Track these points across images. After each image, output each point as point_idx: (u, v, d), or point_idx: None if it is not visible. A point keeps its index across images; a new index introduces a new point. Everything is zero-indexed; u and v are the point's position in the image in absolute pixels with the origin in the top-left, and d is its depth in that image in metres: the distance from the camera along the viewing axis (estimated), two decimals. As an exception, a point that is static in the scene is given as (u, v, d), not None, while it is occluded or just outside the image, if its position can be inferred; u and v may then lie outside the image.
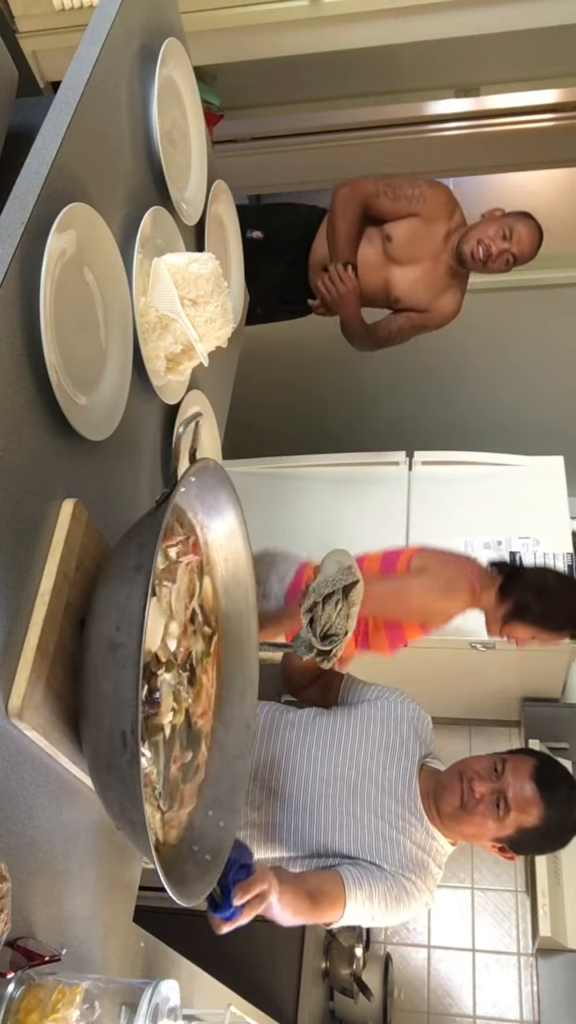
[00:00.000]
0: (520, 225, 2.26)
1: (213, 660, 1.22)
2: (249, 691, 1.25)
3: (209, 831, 1.17)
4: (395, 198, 2.30)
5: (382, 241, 2.34)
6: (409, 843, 1.49)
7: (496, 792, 1.42)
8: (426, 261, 2.35)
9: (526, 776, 1.42)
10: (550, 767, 1.46)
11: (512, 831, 1.42)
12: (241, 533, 1.22)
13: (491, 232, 2.24)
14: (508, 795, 1.41)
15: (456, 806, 1.45)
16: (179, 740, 1.13)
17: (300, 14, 2.16)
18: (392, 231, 2.32)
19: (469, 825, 1.45)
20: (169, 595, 1.10)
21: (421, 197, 2.29)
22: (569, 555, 2.67)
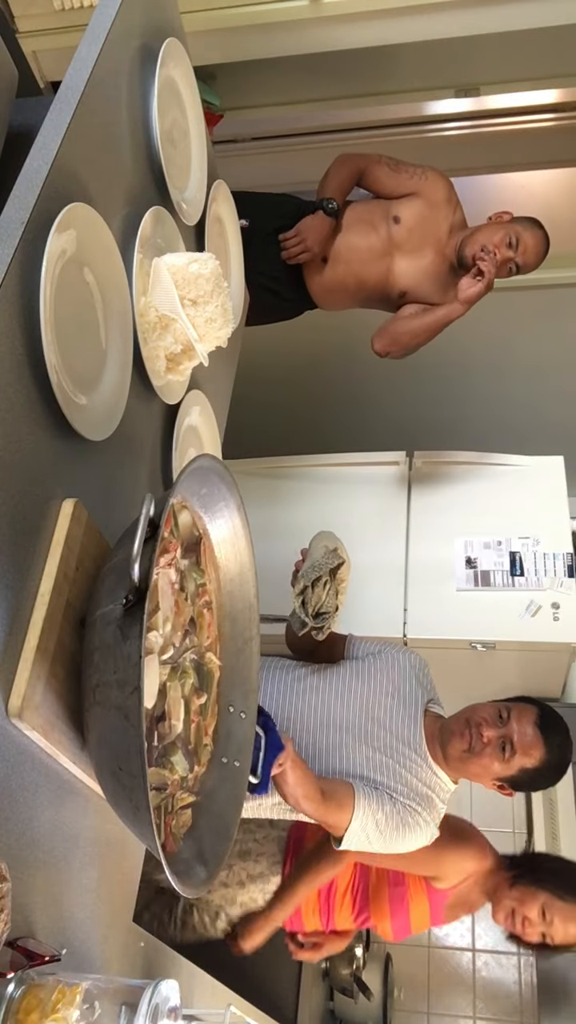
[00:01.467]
0: (527, 234, 2.19)
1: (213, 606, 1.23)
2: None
3: (233, 730, 1.22)
4: (396, 170, 2.25)
5: (388, 224, 2.27)
6: (415, 779, 1.58)
7: (502, 737, 1.51)
8: (430, 252, 2.28)
9: (530, 722, 1.52)
10: (550, 714, 1.56)
11: (515, 771, 1.52)
12: (244, 533, 1.21)
13: (496, 239, 2.17)
14: (514, 739, 1.50)
15: (464, 749, 1.54)
16: (193, 699, 1.15)
17: (300, 14, 2.16)
18: (400, 211, 2.26)
19: (476, 766, 1.54)
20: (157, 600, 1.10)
21: (424, 174, 2.24)
22: (569, 555, 2.67)
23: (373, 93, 2.63)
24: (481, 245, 2.18)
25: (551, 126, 2.92)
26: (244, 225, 2.18)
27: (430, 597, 2.69)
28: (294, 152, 3.12)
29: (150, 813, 0.88)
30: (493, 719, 1.53)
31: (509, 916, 1.76)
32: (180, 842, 1.13)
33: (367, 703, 1.65)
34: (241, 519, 1.20)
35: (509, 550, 2.70)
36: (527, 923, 1.74)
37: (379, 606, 2.68)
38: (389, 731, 1.61)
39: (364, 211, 2.31)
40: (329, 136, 3.06)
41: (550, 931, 1.73)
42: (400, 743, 1.61)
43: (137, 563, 0.89)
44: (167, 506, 0.95)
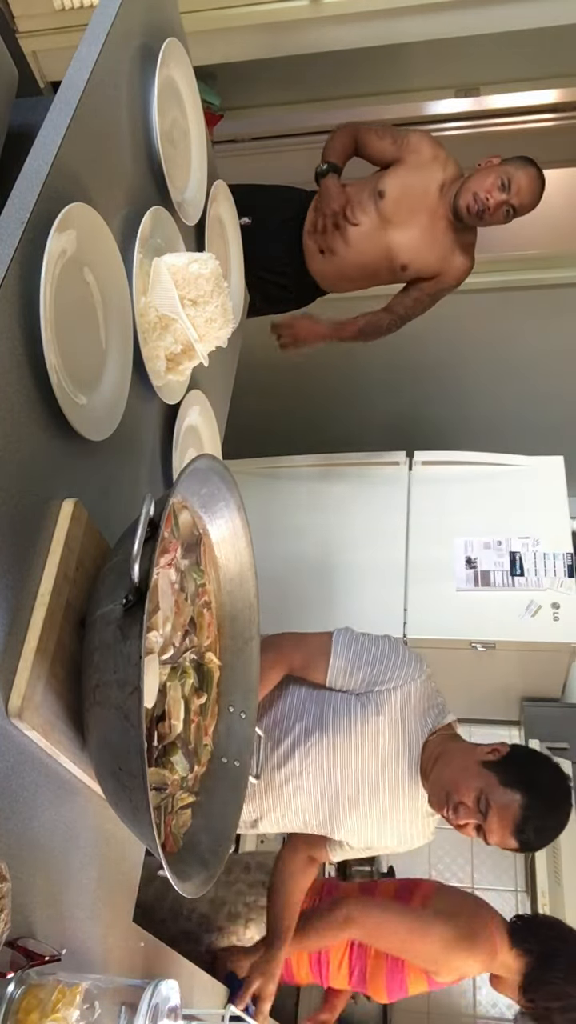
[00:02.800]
0: (520, 173, 2.13)
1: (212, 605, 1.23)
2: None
3: (233, 729, 1.22)
4: (382, 135, 2.25)
5: (374, 201, 2.25)
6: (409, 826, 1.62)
7: (478, 828, 1.45)
8: (422, 217, 2.25)
9: (507, 831, 1.43)
10: (539, 810, 1.43)
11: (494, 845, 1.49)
12: (244, 533, 1.21)
13: (488, 183, 2.12)
14: (488, 836, 1.44)
15: (442, 816, 1.52)
16: (193, 699, 1.16)
17: (300, 14, 2.16)
18: (382, 185, 2.24)
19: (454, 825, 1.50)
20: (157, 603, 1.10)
21: (406, 138, 2.23)
22: (569, 555, 2.67)
23: (373, 93, 2.63)
24: (473, 192, 2.15)
25: (551, 126, 2.92)
26: (246, 223, 2.19)
27: (430, 597, 2.69)
28: (294, 152, 3.12)
29: (150, 813, 0.88)
30: (472, 802, 1.44)
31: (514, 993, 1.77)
32: (180, 842, 1.13)
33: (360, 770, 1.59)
34: (241, 519, 1.20)
35: (509, 550, 2.71)
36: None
37: (379, 606, 2.68)
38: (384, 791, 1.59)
39: (352, 192, 2.29)
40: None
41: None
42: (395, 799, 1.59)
43: (137, 563, 0.89)
44: (167, 506, 0.95)
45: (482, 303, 3.09)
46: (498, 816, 1.42)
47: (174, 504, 1.11)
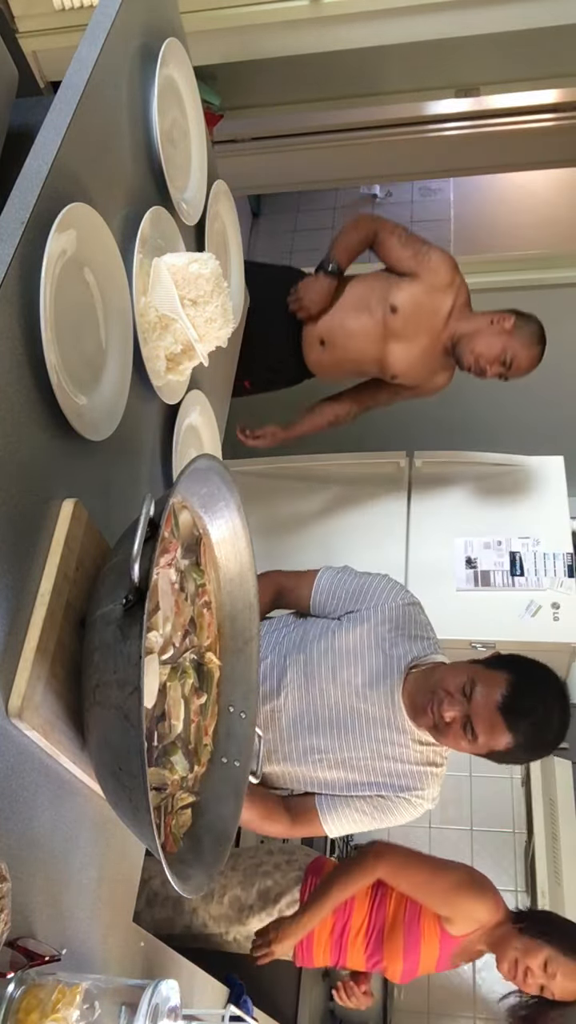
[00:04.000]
0: (524, 353, 2.20)
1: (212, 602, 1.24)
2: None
3: (233, 730, 1.22)
4: (405, 244, 2.22)
5: (384, 310, 2.25)
6: (399, 764, 1.56)
7: (464, 717, 1.42)
8: (424, 339, 2.26)
9: (494, 707, 1.39)
10: (524, 688, 1.42)
11: (485, 752, 1.44)
12: (244, 533, 1.21)
13: (492, 354, 2.18)
14: (475, 724, 1.40)
15: (430, 727, 1.49)
16: (192, 699, 1.16)
17: (300, 14, 2.16)
18: (395, 299, 2.23)
19: (445, 743, 1.50)
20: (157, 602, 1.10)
21: (427, 256, 2.20)
22: (569, 555, 2.67)
23: (373, 93, 2.63)
24: (476, 356, 2.20)
25: (551, 126, 2.92)
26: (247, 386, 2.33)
27: (430, 597, 2.68)
28: (294, 152, 3.12)
29: (150, 813, 0.88)
30: (456, 691, 1.42)
31: (512, 966, 1.76)
32: (180, 842, 1.13)
33: (340, 695, 1.58)
34: (241, 519, 1.20)
35: (509, 550, 2.70)
36: (529, 973, 1.73)
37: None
38: (366, 720, 1.56)
39: (362, 292, 2.29)
40: (329, 136, 3.07)
41: (550, 985, 1.72)
42: (378, 729, 1.55)
43: (137, 563, 0.89)
44: (167, 506, 0.95)
45: (482, 303, 3.08)
46: (484, 695, 1.40)
47: (174, 504, 1.11)
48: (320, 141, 3.07)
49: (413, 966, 1.89)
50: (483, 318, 2.23)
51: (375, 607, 1.62)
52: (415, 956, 1.87)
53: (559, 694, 1.45)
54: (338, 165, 3.24)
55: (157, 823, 1.04)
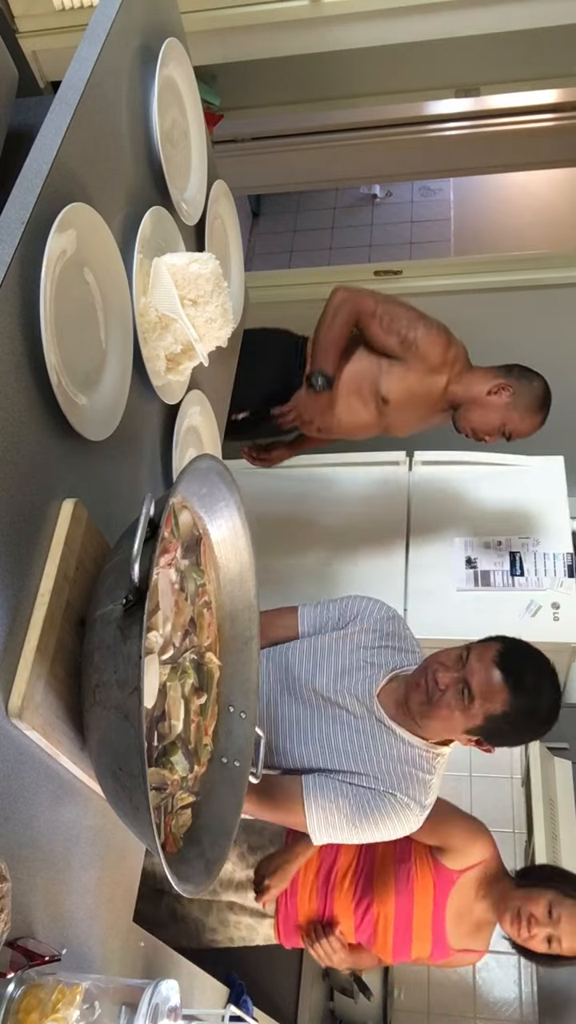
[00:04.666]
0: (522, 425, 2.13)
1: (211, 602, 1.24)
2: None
3: (234, 729, 1.22)
4: (388, 331, 2.10)
5: (376, 401, 2.18)
6: (383, 759, 1.50)
7: (460, 681, 1.38)
8: (422, 411, 2.21)
9: (490, 662, 1.38)
10: (517, 652, 1.41)
11: (480, 720, 1.38)
12: (244, 533, 1.21)
13: (490, 428, 2.11)
14: (471, 682, 1.37)
15: (422, 701, 1.43)
16: (193, 699, 1.16)
17: (300, 14, 2.16)
18: (386, 391, 2.14)
19: (437, 718, 1.42)
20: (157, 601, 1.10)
21: (414, 345, 2.08)
22: (569, 555, 2.67)
23: (373, 93, 2.63)
24: (472, 428, 2.14)
25: (551, 126, 2.92)
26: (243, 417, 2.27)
27: (430, 597, 2.69)
28: (294, 152, 3.12)
29: (150, 813, 0.88)
30: (452, 662, 1.41)
31: (515, 917, 1.70)
32: (180, 842, 1.13)
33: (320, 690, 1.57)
34: (241, 519, 1.20)
35: (509, 550, 2.71)
36: (533, 922, 1.67)
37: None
38: (345, 712, 1.54)
39: (352, 378, 2.18)
40: (329, 136, 3.07)
41: (557, 931, 1.67)
42: (360, 722, 1.53)
43: (137, 563, 0.89)
44: (167, 506, 0.95)
45: (482, 303, 3.09)
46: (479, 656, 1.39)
47: (174, 504, 1.11)
48: (320, 141, 3.07)
49: (407, 913, 1.80)
50: (481, 384, 2.12)
51: (359, 620, 1.65)
52: (408, 897, 1.80)
53: (548, 665, 1.44)
54: (338, 165, 3.24)
55: (157, 823, 1.04)
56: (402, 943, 1.83)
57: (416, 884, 1.82)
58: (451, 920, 1.81)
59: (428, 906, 1.82)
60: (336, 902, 1.89)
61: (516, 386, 2.11)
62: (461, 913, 1.81)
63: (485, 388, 2.11)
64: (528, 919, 1.68)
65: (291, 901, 1.91)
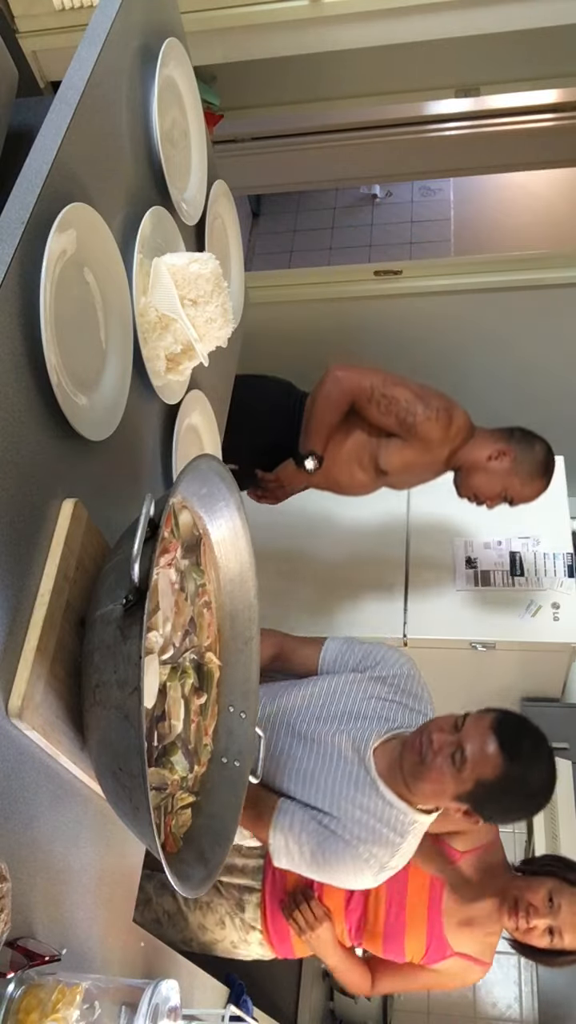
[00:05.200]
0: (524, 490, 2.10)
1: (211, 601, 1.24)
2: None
3: (234, 729, 1.22)
4: (386, 413, 2.02)
5: (375, 470, 2.12)
6: (359, 811, 1.48)
7: (454, 744, 1.38)
8: (423, 477, 2.19)
9: (486, 727, 1.38)
10: (515, 722, 1.41)
11: (470, 785, 1.37)
12: (244, 533, 1.21)
13: (492, 493, 2.08)
14: (466, 746, 1.37)
15: (415, 761, 1.42)
16: (192, 699, 1.16)
17: (300, 14, 2.16)
18: (385, 463, 2.09)
19: (428, 780, 1.40)
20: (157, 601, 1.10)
21: (413, 428, 2.01)
22: (569, 555, 2.68)
23: (373, 93, 2.63)
24: (473, 493, 2.10)
25: (551, 126, 2.92)
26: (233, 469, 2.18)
27: (430, 597, 2.69)
28: (294, 152, 3.12)
29: (150, 813, 0.88)
30: (448, 727, 1.41)
31: (514, 908, 1.64)
32: (180, 842, 1.13)
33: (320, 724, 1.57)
34: (241, 519, 1.20)
35: (509, 550, 2.71)
36: (532, 912, 1.61)
37: (379, 606, 2.69)
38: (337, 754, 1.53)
39: (351, 448, 2.13)
40: (329, 136, 3.07)
41: (557, 922, 1.60)
42: (348, 767, 1.52)
43: (137, 563, 0.89)
44: (167, 506, 0.95)
45: (482, 303, 3.09)
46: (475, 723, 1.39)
47: (174, 504, 1.11)
48: (320, 141, 3.07)
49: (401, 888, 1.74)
50: (482, 449, 2.07)
51: (379, 668, 1.64)
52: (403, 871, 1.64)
53: (546, 743, 1.42)
54: (338, 165, 3.24)
55: (157, 823, 1.04)
56: (395, 927, 1.76)
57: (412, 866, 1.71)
58: (448, 908, 1.75)
59: (424, 885, 1.75)
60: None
61: (517, 451, 2.07)
62: (459, 902, 1.74)
63: (486, 453, 2.06)
64: (527, 909, 1.63)
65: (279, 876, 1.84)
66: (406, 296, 3.06)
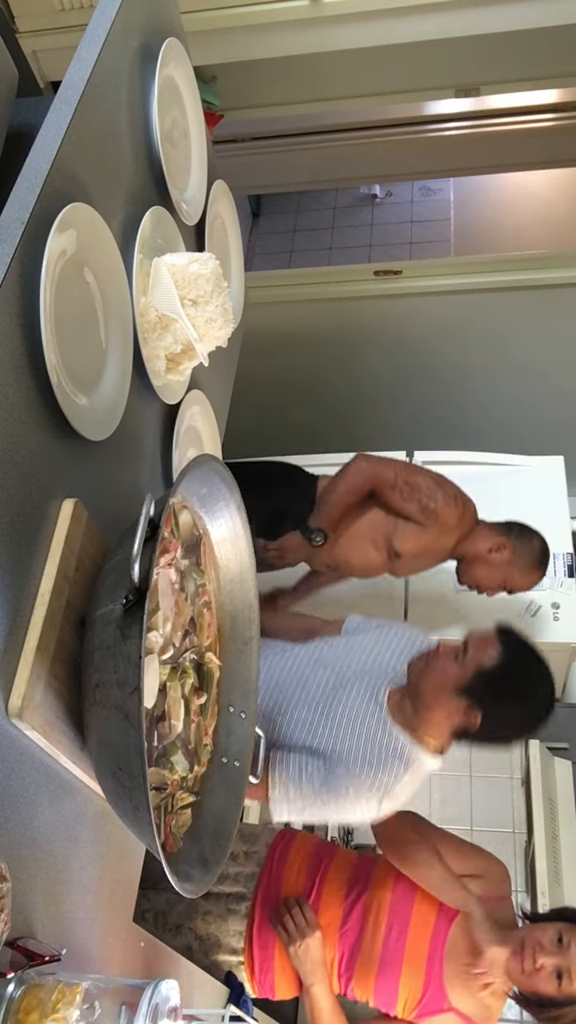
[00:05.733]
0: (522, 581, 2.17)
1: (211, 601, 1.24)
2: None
3: (234, 729, 1.22)
4: (408, 499, 2.11)
5: (389, 553, 2.18)
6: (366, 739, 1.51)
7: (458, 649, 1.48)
8: (429, 563, 2.24)
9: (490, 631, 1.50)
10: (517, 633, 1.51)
11: (471, 672, 1.44)
12: (244, 533, 1.21)
13: (492, 584, 2.17)
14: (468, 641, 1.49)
15: (421, 668, 1.50)
16: (192, 699, 1.16)
17: (300, 14, 2.16)
18: (400, 546, 2.15)
19: (432, 671, 1.48)
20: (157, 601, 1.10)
21: (434, 514, 2.09)
22: (569, 555, 2.68)
23: (373, 93, 2.63)
24: (475, 581, 2.18)
25: (551, 126, 2.92)
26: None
27: (430, 597, 2.69)
28: (294, 152, 3.12)
29: (150, 813, 0.88)
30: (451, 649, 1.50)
31: (519, 948, 1.50)
32: (180, 842, 1.13)
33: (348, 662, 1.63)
34: (241, 519, 1.20)
35: (509, 550, 2.70)
36: (539, 951, 1.47)
37: (379, 606, 2.68)
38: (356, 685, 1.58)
39: (368, 529, 2.19)
40: (329, 136, 3.07)
41: (567, 962, 1.46)
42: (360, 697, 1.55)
43: (137, 563, 0.89)
44: (167, 506, 0.95)
45: (482, 303, 3.09)
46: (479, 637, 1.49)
47: (174, 504, 1.11)
48: (320, 141, 3.07)
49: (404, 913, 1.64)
50: (484, 541, 2.15)
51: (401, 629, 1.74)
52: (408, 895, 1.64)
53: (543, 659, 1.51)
54: (338, 165, 3.24)
55: (157, 823, 1.04)
56: (393, 955, 1.63)
57: (420, 889, 1.67)
58: (451, 953, 1.61)
59: (430, 916, 1.65)
60: (325, 885, 1.74)
61: (516, 545, 2.17)
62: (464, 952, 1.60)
63: (487, 546, 2.15)
64: (534, 947, 1.49)
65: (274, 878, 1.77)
66: (406, 296, 3.07)
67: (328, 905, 1.73)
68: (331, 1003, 1.67)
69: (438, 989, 1.60)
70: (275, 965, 1.74)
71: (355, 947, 1.68)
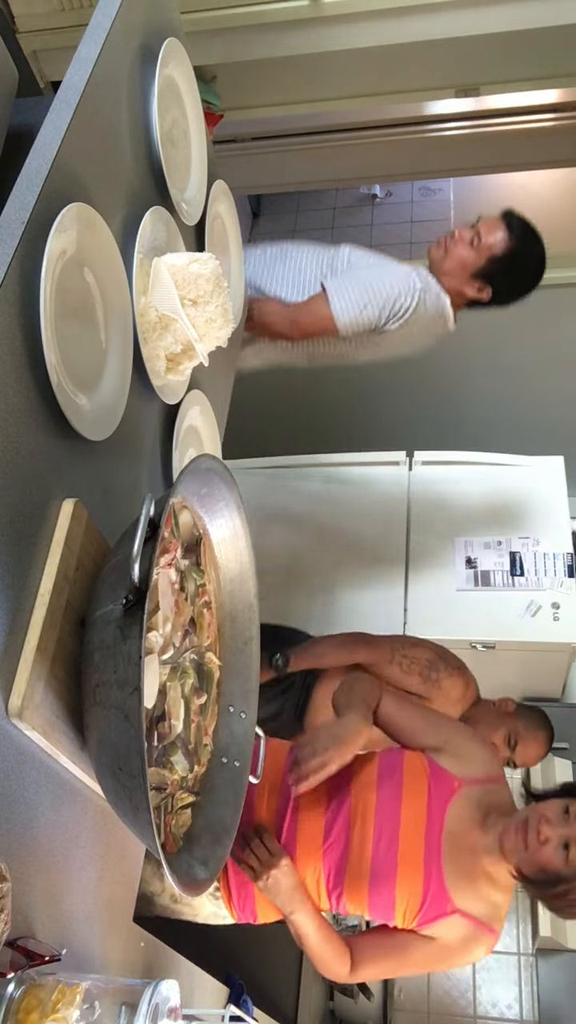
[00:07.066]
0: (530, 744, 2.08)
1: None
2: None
3: (234, 729, 1.22)
4: (408, 672, 2.02)
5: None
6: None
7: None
8: None
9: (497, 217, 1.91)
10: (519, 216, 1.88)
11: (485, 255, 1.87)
12: (244, 533, 1.21)
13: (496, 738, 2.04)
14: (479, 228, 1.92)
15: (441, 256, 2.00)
16: (192, 699, 1.16)
17: (300, 14, 2.16)
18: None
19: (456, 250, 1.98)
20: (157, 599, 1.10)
21: (436, 683, 2.01)
22: (569, 555, 2.68)
23: (373, 93, 2.63)
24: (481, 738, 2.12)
25: (551, 126, 2.92)
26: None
27: (430, 597, 2.69)
28: (294, 152, 3.12)
29: (150, 813, 0.88)
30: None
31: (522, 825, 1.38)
32: (180, 842, 1.13)
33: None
34: (241, 519, 1.20)
35: (509, 550, 2.71)
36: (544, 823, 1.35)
37: (379, 606, 2.69)
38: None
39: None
40: (329, 136, 3.07)
41: (574, 832, 1.33)
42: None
43: (137, 563, 0.89)
44: (167, 506, 0.95)
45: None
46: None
47: (174, 504, 1.11)
48: (320, 141, 3.07)
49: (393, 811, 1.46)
50: (487, 729, 2.04)
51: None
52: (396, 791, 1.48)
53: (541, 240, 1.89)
54: (338, 165, 3.24)
55: (157, 823, 1.04)
56: (384, 865, 1.45)
57: (406, 784, 1.49)
58: (449, 850, 1.43)
59: (421, 814, 1.46)
60: (301, 798, 1.51)
61: (523, 732, 2.08)
62: (463, 845, 1.44)
63: (492, 738, 2.06)
64: (539, 821, 1.36)
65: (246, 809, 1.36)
66: (406, 296, 3.06)
67: (307, 819, 1.52)
68: (316, 925, 1.47)
69: (439, 892, 1.42)
70: (253, 888, 1.55)
71: (342, 861, 1.49)
